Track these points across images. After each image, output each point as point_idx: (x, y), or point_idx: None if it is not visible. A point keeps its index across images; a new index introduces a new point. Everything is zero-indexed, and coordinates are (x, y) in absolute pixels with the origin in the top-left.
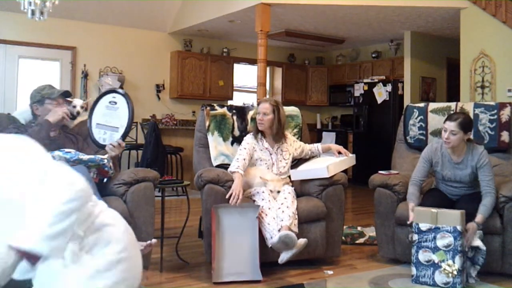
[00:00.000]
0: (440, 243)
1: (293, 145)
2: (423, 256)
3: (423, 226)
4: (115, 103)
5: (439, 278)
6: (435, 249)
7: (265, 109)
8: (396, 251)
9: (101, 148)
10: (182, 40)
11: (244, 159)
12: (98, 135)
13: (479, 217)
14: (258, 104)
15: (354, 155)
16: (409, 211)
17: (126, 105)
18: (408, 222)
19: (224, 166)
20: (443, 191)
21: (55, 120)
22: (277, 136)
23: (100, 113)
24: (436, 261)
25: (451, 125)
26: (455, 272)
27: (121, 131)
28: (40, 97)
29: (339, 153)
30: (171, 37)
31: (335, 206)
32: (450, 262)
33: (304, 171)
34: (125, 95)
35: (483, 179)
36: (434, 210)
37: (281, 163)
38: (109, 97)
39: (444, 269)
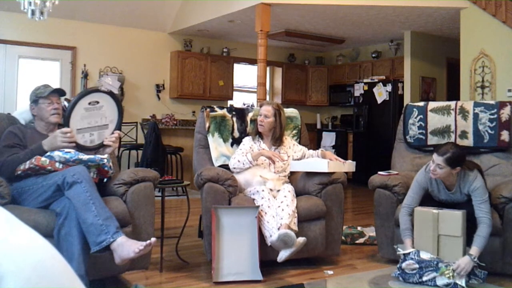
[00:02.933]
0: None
1: (293, 148)
2: (425, 277)
3: (425, 255)
4: (97, 102)
5: (440, 280)
6: (437, 270)
7: (267, 111)
8: (396, 253)
9: (91, 150)
10: (182, 40)
11: (243, 153)
12: (83, 139)
13: (474, 250)
14: (261, 106)
15: (354, 162)
16: (408, 248)
17: (111, 99)
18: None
19: (226, 167)
20: None
21: (52, 149)
22: (277, 139)
23: (77, 118)
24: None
25: (438, 159)
26: (455, 275)
27: (112, 125)
28: (35, 97)
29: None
30: (171, 37)
31: (334, 205)
32: (450, 267)
33: (304, 163)
34: (107, 92)
35: (476, 204)
36: (435, 210)
37: (278, 163)
38: (84, 100)
39: (444, 271)
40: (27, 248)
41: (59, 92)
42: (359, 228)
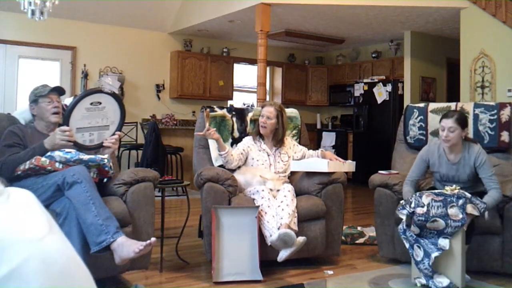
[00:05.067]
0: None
1: (293, 149)
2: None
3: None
4: (99, 103)
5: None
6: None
7: (270, 113)
8: (396, 251)
9: (90, 150)
10: (182, 40)
11: (233, 153)
12: (82, 138)
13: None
14: (262, 106)
15: (354, 162)
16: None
17: (114, 100)
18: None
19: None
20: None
21: (52, 147)
22: (279, 140)
23: (78, 117)
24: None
25: (449, 122)
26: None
27: (113, 127)
28: (34, 96)
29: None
30: (171, 37)
31: (334, 205)
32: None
33: (304, 163)
34: (110, 94)
35: (484, 176)
36: None
37: (278, 164)
38: (86, 100)
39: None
40: (59, 251)
41: (59, 91)
42: (359, 228)
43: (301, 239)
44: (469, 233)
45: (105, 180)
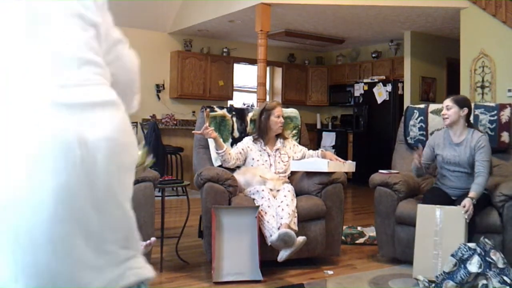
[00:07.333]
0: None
1: (293, 149)
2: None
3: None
4: None
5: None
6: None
7: (281, 112)
8: (396, 251)
9: None
10: (182, 40)
11: (231, 152)
12: None
13: (472, 193)
14: (272, 108)
15: (354, 162)
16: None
17: None
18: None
19: (226, 167)
20: (445, 185)
21: None
22: (282, 137)
23: None
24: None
25: (446, 101)
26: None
27: None
28: None
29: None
30: (171, 37)
31: (334, 205)
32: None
33: (304, 163)
34: None
35: (478, 159)
36: (437, 207)
37: (279, 164)
38: None
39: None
40: None
41: None
42: (359, 228)
43: (301, 239)
44: (470, 232)
45: None
